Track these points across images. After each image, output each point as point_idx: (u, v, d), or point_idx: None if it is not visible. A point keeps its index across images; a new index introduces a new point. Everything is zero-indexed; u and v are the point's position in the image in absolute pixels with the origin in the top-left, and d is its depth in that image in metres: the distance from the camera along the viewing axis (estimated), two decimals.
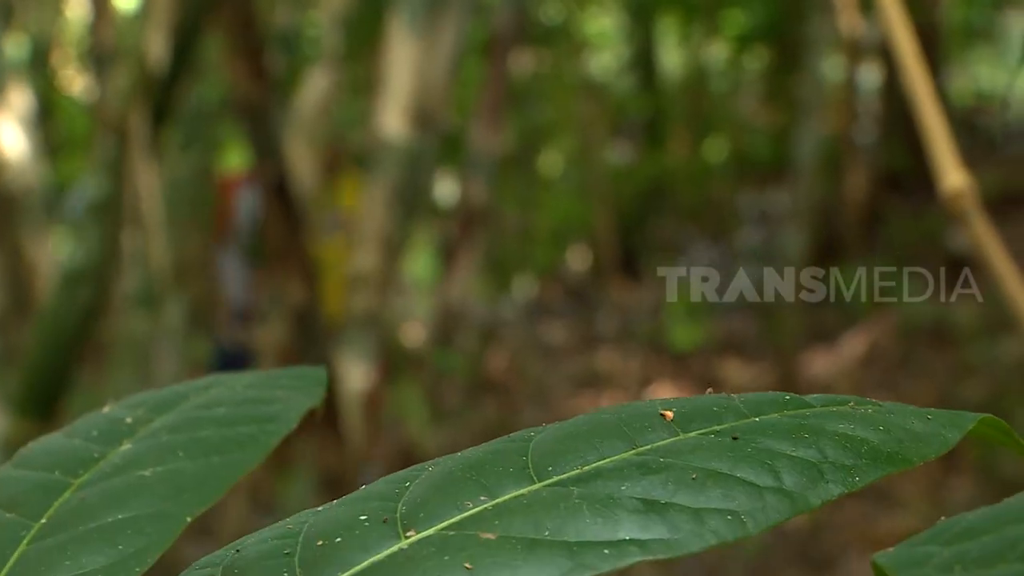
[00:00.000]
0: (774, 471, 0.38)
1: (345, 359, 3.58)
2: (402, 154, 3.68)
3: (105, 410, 0.49)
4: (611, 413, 0.42)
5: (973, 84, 13.18)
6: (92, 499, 0.42)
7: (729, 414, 0.41)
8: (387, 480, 0.41)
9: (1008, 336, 7.26)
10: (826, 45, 6.59)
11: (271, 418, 0.45)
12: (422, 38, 3.79)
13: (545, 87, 10.39)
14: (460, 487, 0.39)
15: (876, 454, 0.39)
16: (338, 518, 0.39)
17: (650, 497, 0.38)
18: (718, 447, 0.39)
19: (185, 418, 0.45)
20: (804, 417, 0.41)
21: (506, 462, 0.40)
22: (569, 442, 0.40)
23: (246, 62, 2.79)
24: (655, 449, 0.39)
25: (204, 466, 0.43)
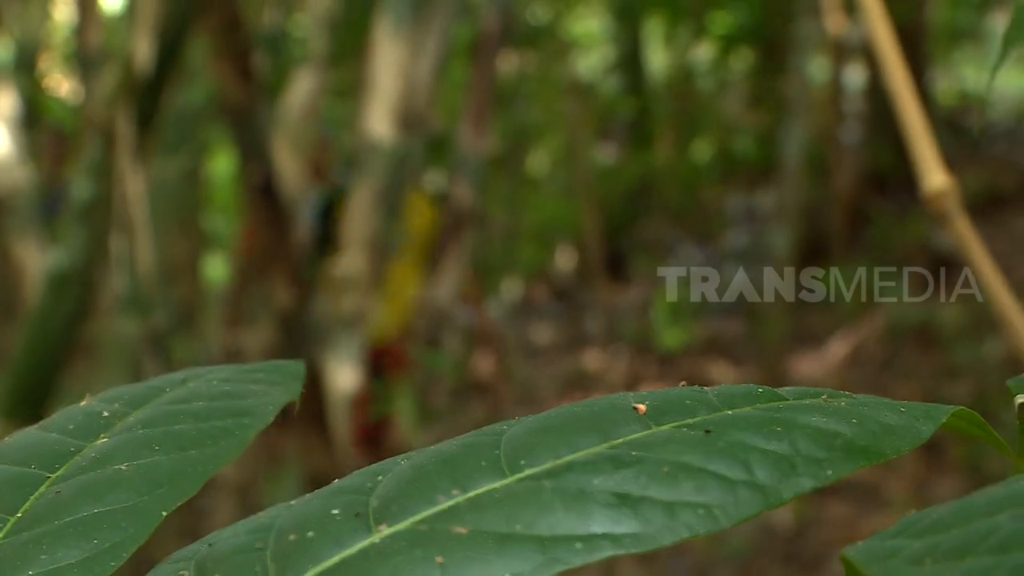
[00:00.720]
0: (746, 465, 0.38)
1: (331, 360, 3.58)
2: (388, 156, 3.69)
3: (82, 404, 0.49)
4: (584, 407, 0.42)
5: (958, 84, 13.21)
6: (68, 493, 0.42)
7: (702, 407, 0.41)
8: (359, 474, 0.41)
9: (992, 337, 7.28)
10: (812, 45, 6.61)
11: (248, 412, 0.45)
12: (408, 40, 3.79)
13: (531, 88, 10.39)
14: (432, 481, 0.39)
15: (849, 447, 0.39)
16: (310, 512, 0.39)
17: (622, 491, 0.38)
18: (690, 441, 0.39)
19: (161, 412, 0.45)
20: (777, 410, 0.41)
21: (479, 456, 0.40)
22: (541, 436, 0.40)
23: (232, 64, 2.79)
24: (628, 443, 0.39)
25: (180, 460, 0.42)
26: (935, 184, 0.90)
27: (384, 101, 3.73)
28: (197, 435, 0.44)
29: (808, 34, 6.51)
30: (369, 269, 3.67)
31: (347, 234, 3.69)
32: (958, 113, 11.57)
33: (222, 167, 11.13)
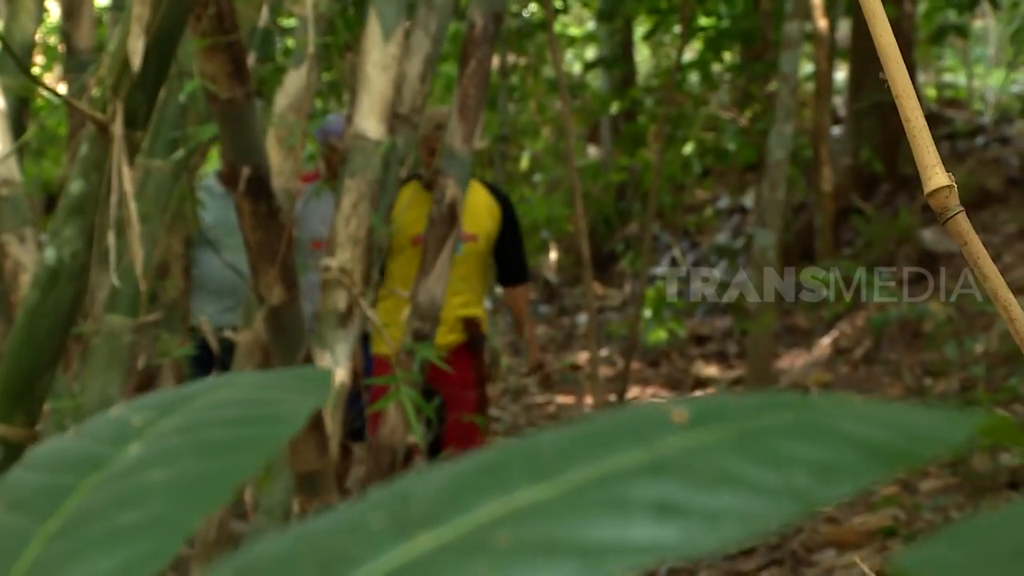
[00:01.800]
0: (785, 471, 0.39)
1: (323, 358, 3.58)
2: (378, 154, 3.69)
3: (112, 412, 0.48)
4: (623, 415, 0.42)
5: (941, 82, 13.23)
6: (100, 502, 0.42)
7: (740, 415, 0.41)
8: (399, 483, 0.41)
9: (978, 332, 7.31)
10: (799, 45, 6.61)
11: (278, 419, 0.44)
12: (399, 38, 3.79)
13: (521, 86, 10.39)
14: (473, 490, 0.39)
15: (885, 452, 0.39)
16: (350, 521, 0.39)
17: (663, 499, 0.38)
18: (729, 448, 0.40)
19: (193, 419, 0.45)
20: (814, 417, 0.41)
21: (518, 465, 0.40)
22: (581, 444, 0.40)
23: (224, 61, 2.79)
24: (668, 450, 0.40)
25: (213, 467, 0.42)
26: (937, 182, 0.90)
27: (375, 99, 3.73)
28: (229, 442, 0.44)
29: (795, 33, 6.52)
30: (360, 267, 3.67)
31: (337, 231, 3.69)
32: (941, 111, 11.60)
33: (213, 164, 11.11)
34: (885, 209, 9.66)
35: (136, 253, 2.67)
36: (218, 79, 2.78)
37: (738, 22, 9.09)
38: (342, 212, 3.68)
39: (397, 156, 3.88)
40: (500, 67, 9.73)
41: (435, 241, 3.87)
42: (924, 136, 0.99)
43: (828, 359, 8.50)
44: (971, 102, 12.59)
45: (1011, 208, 9.14)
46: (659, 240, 11.49)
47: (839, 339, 8.68)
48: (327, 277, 3.67)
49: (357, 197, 3.68)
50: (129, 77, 2.56)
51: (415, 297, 3.86)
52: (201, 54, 2.76)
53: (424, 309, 3.84)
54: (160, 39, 2.57)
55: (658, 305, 9.46)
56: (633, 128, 10.81)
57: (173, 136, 3.48)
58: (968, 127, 11.12)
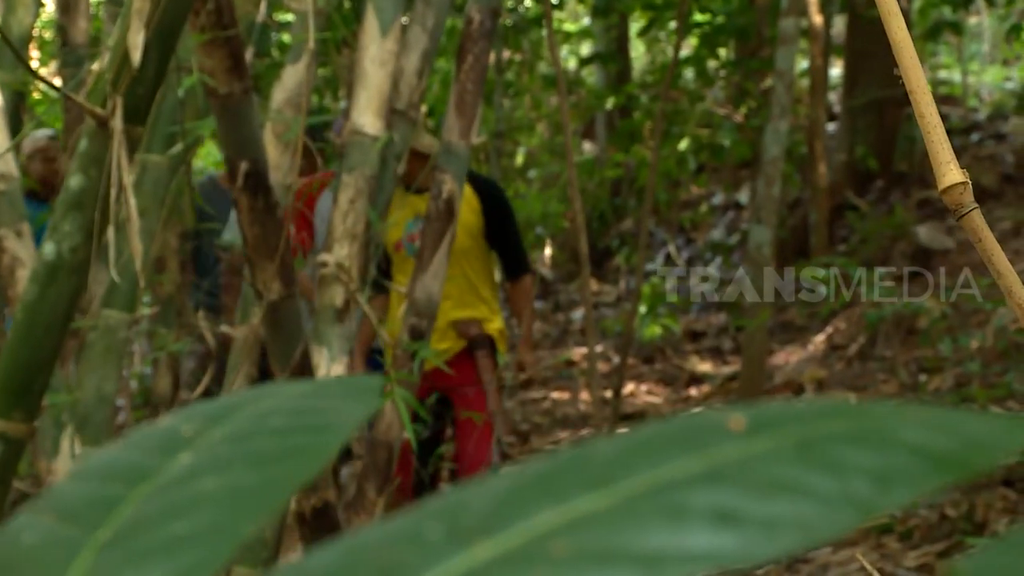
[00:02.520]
0: (842, 479, 0.38)
1: (318, 355, 3.57)
2: (375, 150, 3.68)
3: (161, 421, 0.48)
4: (678, 423, 0.42)
5: (936, 79, 13.24)
6: (150, 512, 0.42)
7: (795, 422, 0.41)
8: (452, 493, 0.41)
9: (973, 329, 7.31)
10: (795, 41, 6.61)
11: (327, 428, 0.44)
12: (396, 34, 3.78)
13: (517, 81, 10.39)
14: (529, 498, 0.39)
15: (944, 459, 0.39)
16: (404, 530, 0.39)
17: (721, 507, 0.38)
18: (786, 456, 0.39)
19: (241, 429, 0.45)
20: (872, 424, 0.41)
21: (574, 473, 0.39)
22: (637, 453, 0.40)
23: (223, 56, 2.78)
24: (724, 458, 0.39)
25: (263, 477, 0.42)
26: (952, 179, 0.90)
27: (372, 94, 3.72)
28: (278, 452, 0.43)
29: (791, 30, 6.52)
30: (357, 262, 3.67)
31: (335, 227, 3.68)
32: (939, 107, 11.61)
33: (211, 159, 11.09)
34: (880, 205, 9.66)
35: (136, 248, 2.66)
36: (216, 74, 2.77)
37: (734, 18, 9.09)
38: (339, 208, 3.67)
39: (394, 152, 3.87)
40: (496, 63, 9.72)
41: (432, 237, 3.86)
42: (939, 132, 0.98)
43: (823, 355, 8.51)
44: (966, 99, 12.60)
45: (1006, 205, 9.15)
46: (654, 236, 11.49)
47: (834, 335, 8.69)
48: (324, 273, 3.66)
49: (354, 193, 3.67)
50: (129, 72, 2.55)
51: (411, 294, 3.85)
52: (200, 49, 2.75)
53: (421, 306, 3.83)
54: (160, 34, 2.56)
55: (653, 301, 9.46)
56: (628, 124, 10.80)
57: (170, 131, 3.47)
58: (963, 124, 11.14)
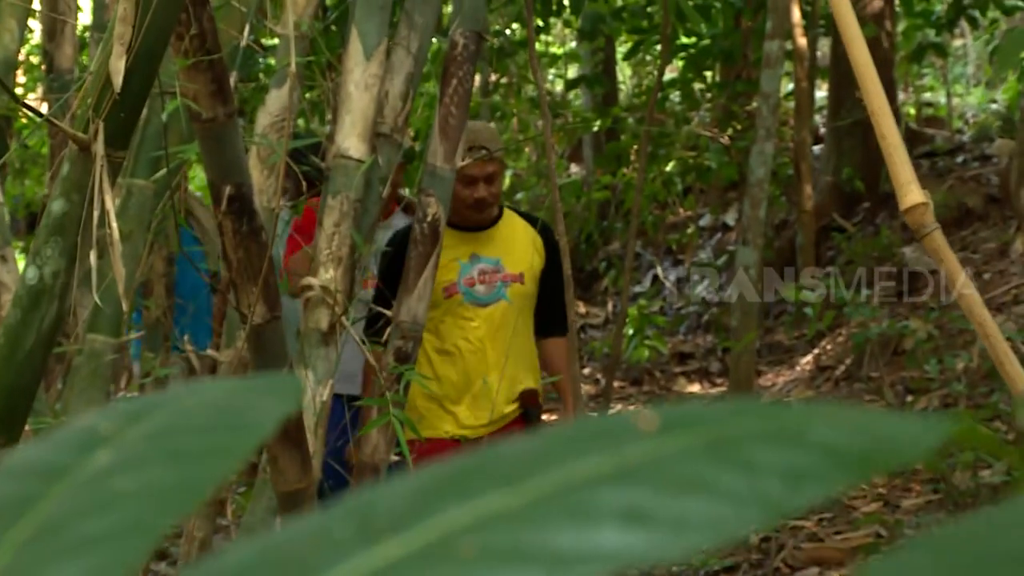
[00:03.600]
0: (754, 477, 0.39)
1: (303, 378, 3.58)
2: (359, 173, 3.69)
3: (79, 420, 0.48)
4: (590, 423, 0.42)
5: (921, 101, 13.29)
6: (67, 510, 0.41)
7: (707, 421, 0.41)
8: (363, 492, 0.41)
9: (959, 350, 7.33)
10: (780, 63, 6.64)
11: (247, 426, 0.44)
12: (381, 57, 3.80)
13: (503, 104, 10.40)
14: (439, 498, 0.39)
15: (855, 458, 0.39)
16: (314, 531, 0.39)
17: (630, 506, 0.38)
18: (697, 454, 0.39)
19: (161, 426, 0.44)
20: (784, 423, 0.41)
21: (484, 472, 0.39)
22: (549, 451, 0.40)
23: (207, 80, 2.80)
24: (636, 457, 0.39)
25: (181, 475, 0.42)
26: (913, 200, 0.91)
27: (356, 118, 3.74)
28: (198, 450, 0.43)
29: (775, 53, 6.55)
30: (340, 284, 3.67)
31: (320, 250, 3.70)
32: (921, 129, 11.66)
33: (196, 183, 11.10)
34: (866, 227, 9.69)
35: (119, 273, 2.67)
36: (200, 98, 2.79)
37: (719, 41, 9.13)
38: (324, 231, 3.68)
39: (379, 175, 3.89)
40: (482, 85, 9.75)
41: (418, 260, 3.87)
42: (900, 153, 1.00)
43: (810, 377, 8.52)
44: (951, 121, 12.65)
45: (991, 226, 9.18)
46: (641, 258, 11.50)
47: (821, 356, 8.70)
48: (310, 296, 3.67)
49: (339, 216, 3.68)
50: (111, 97, 2.56)
51: (396, 316, 3.86)
52: (183, 73, 2.76)
53: (406, 328, 3.84)
54: (142, 59, 2.57)
55: (640, 323, 9.47)
56: (615, 146, 10.83)
57: (155, 155, 3.48)
58: (948, 145, 11.18)
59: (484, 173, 4.33)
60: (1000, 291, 8.16)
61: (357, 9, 3.82)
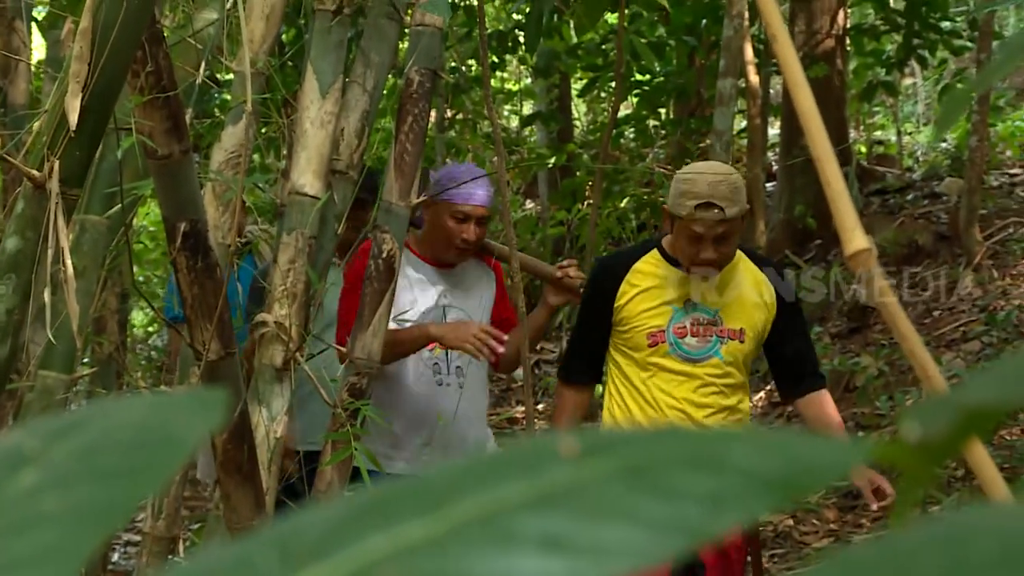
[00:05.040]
0: (672, 503, 0.39)
1: (257, 414, 3.58)
2: (315, 209, 3.71)
3: (5, 438, 0.47)
4: (513, 449, 0.42)
5: (872, 139, 13.43)
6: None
7: (628, 447, 0.41)
8: (288, 519, 0.40)
9: (910, 386, 7.39)
10: (733, 101, 6.71)
11: (172, 443, 0.44)
12: (336, 95, 3.82)
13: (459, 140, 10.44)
14: (362, 525, 0.39)
15: (774, 481, 0.40)
16: (236, 560, 0.39)
17: (550, 532, 0.38)
18: (617, 480, 0.40)
19: (87, 444, 0.44)
20: (703, 448, 0.41)
21: (407, 499, 0.40)
22: (472, 478, 0.40)
23: (162, 117, 2.81)
24: (556, 483, 0.40)
25: (106, 494, 0.41)
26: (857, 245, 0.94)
27: (312, 155, 3.75)
28: (123, 468, 0.42)
29: (728, 90, 6.62)
30: (295, 319, 3.68)
31: (274, 286, 3.70)
32: (873, 167, 11.78)
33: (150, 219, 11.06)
34: (818, 263, 9.77)
35: (73, 310, 2.67)
36: (155, 135, 2.80)
37: (673, 79, 9.21)
38: (279, 267, 3.69)
39: (334, 212, 3.90)
40: (437, 121, 9.78)
41: (373, 297, 3.88)
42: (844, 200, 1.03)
43: (763, 413, 8.56)
44: (902, 159, 12.78)
45: (940, 263, 9.27)
46: None
47: (773, 393, 8.75)
48: (264, 332, 3.68)
49: (294, 253, 3.70)
50: (66, 134, 2.57)
51: (351, 352, 3.87)
52: (139, 110, 2.77)
53: (361, 365, 3.85)
54: (98, 96, 2.58)
55: None
56: (570, 182, 10.88)
57: (109, 191, 3.49)
58: (899, 183, 11.29)
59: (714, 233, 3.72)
60: (949, 328, 8.23)
61: (313, 47, 3.84)
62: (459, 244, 4.15)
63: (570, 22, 9.19)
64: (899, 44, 9.89)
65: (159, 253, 10.35)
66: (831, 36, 9.90)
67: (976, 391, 0.44)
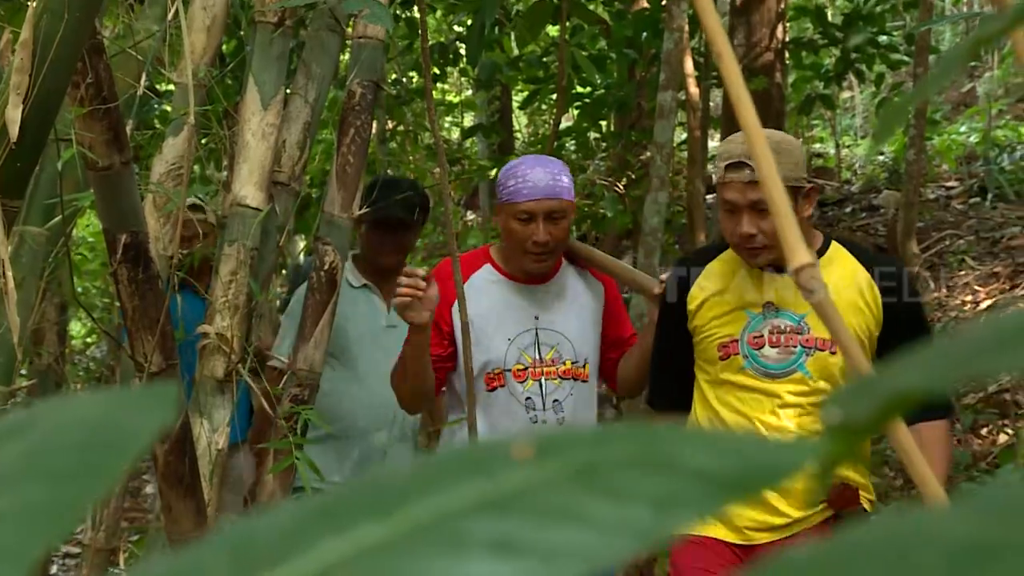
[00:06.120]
0: (623, 504, 0.39)
1: (198, 426, 3.56)
2: (256, 221, 3.70)
3: None
4: (465, 451, 0.42)
5: (811, 152, 13.56)
6: None
7: (580, 448, 0.41)
8: (240, 524, 0.40)
9: None
10: (673, 114, 6.75)
11: (123, 442, 0.43)
12: (278, 107, 3.81)
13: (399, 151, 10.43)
14: (314, 530, 0.39)
15: (726, 481, 0.40)
16: (186, 566, 0.38)
17: (500, 536, 0.38)
18: (570, 482, 0.40)
19: (38, 444, 0.43)
20: (654, 448, 0.41)
21: (359, 503, 0.40)
22: (425, 481, 0.40)
23: (102, 129, 2.79)
24: (508, 486, 0.40)
25: (57, 495, 0.41)
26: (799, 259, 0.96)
27: (254, 166, 3.74)
28: (74, 468, 0.42)
29: (668, 103, 6.66)
30: (239, 333, 3.67)
31: (215, 298, 3.69)
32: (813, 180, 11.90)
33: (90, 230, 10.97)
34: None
35: (14, 322, 2.65)
36: (96, 146, 2.78)
37: (613, 91, 9.25)
38: (221, 279, 3.68)
39: (276, 223, 3.89)
40: (378, 133, 9.77)
41: (315, 308, 3.88)
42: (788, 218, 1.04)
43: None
44: (840, 171, 12.91)
45: None
46: None
47: None
48: (205, 343, 3.66)
49: (236, 264, 3.69)
50: (7, 146, 2.55)
51: (294, 364, 3.86)
52: (79, 121, 2.76)
53: (302, 377, 3.84)
54: (38, 108, 2.56)
55: None
56: None
57: (49, 202, 3.46)
58: (837, 196, 11.40)
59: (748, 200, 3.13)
60: None
61: (254, 59, 3.84)
62: (531, 249, 3.59)
63: (511, 34, 9.22)
64: (837, 58, 9.99)
65: (98, 264, 10.26)
66: (770, 49, 9.99)
67: (900, 376, 0.44)
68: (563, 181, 3.61)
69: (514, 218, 3.58)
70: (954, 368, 0.42)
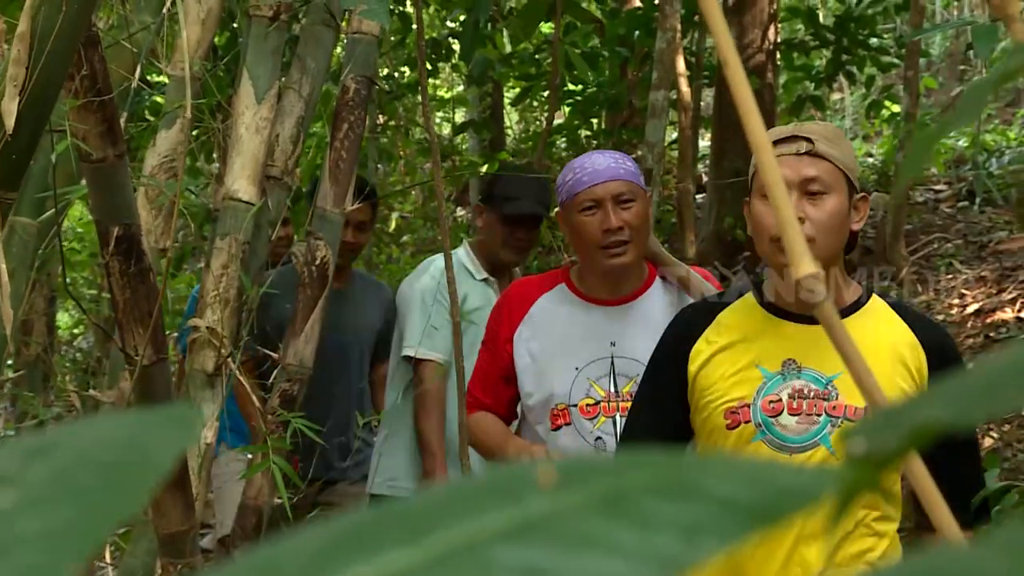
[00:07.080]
0: (649, 532, 0.39)
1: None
2: (249, 216, 3.69)
3: None
4: (491, 476, 0.43)
5: None
6: None
7: (604, 475, 0.42)
8: (267, 547, 0.40)
9: None
10: (665, 114, 6.76)
11: (148, 461, 0.43)
12: (272, 100, 3.80)
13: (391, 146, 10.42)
14: (343, 555, 0.39)
15: (749, 510, 0.40)
16: None
17: (529, 563, 0.38)
18: (595, 510, 0.40)
19: (63, 465, 0.43)
20: (679, 476, 0.42)
21: (387, 528, 0.40)
22: (451, 506, 0.40)
23: (97, 121, 2.79)
24: (535, 513, 0.40)
25: (84, 515, 0.41)
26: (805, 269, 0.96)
27: (247, 160, 3.74)
28: (101, 487, 0.42)
29: (660, 102, 6.66)
30: (229, 327, 3.67)
31: (207, 291, 3.68)
32: None
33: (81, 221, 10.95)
34: (747, 275, 9.84)
35: (7, 313, 2.64)
36: (90, 139, 2.77)
37: (605, 90, 9.26)
38: (212, 273, 3.68)
39: (268, 218, 3.89)
40: (370, 127, 9.77)
41: (306, 303, 3.88)
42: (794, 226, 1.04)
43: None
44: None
45: (866, 277, 9.37)
46: None
47: None
48: (195, 337, 3.66)
49: (227, 258, 3.68)
50: (2, 138, 2.54)
51: (284, 359, 3.86)
52: (73, 114, 2.75)
53: (292, 371, 3.84)
54: (34, 101, 2.55)
55: None
56: None
57: (40, 194, 3.45)
58: None
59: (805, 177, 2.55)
60: None
61: (249, 52, 3.83)
62: (603, 241, 3.17)
63: (504, 31, 9.22)
64: (828, 60, 10.01)
65: (86, 255, 10.24)
66: (762, 51, 10.00)
67: (924, 409, 0.44)
68: (627, 164, 3.26)
69: (579, 212, 3.18)
70: (978, 402, 0.43)
